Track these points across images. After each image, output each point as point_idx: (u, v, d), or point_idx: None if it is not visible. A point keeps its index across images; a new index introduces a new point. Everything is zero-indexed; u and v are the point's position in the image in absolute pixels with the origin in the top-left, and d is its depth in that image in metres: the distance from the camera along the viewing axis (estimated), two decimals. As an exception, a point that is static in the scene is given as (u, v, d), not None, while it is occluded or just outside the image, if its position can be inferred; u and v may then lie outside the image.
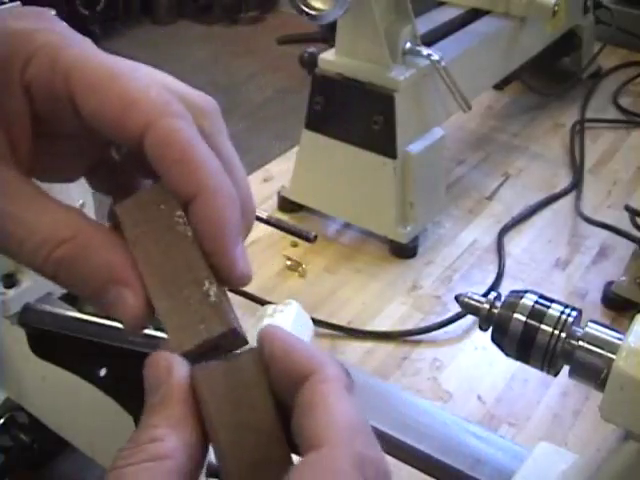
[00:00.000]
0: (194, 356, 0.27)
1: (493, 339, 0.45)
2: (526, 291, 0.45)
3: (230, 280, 0.29)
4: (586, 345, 0.42)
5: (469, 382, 0.90)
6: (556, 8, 1.22)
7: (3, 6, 0.58)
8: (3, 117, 0.27)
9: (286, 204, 1.15)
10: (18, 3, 0.59)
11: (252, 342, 0.51)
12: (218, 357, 0.28)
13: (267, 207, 1.16)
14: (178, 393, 0.26)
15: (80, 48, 0.27)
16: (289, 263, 1.05)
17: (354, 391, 0.27)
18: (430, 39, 1.12)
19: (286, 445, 0.26)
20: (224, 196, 0.27)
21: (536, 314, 0.43)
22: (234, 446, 0.26)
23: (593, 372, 0.41)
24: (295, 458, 0.26)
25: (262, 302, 0.95)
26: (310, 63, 1.08)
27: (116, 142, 0.29)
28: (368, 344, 0.95)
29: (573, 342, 0.42)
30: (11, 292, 0.64)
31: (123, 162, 0.32)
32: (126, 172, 0.32)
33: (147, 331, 0.39)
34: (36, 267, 0.27)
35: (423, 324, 0.98)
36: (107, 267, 0.27)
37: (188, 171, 0.27)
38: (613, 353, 0.40)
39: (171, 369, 0.26)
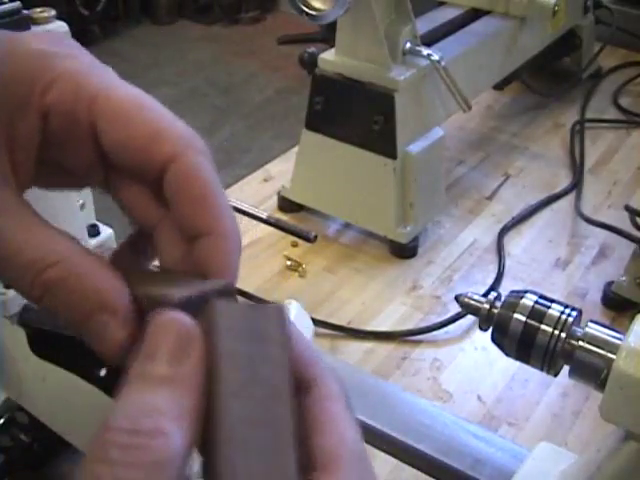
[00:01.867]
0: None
1: (493, 339, 0.45)
2: (526, 291, 0.45)
3: None
4: (586, 345, 0.42)
5: (469, 382, 0.90)
6: (556, 8, 1.22)
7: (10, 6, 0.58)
8: (12, 138, 0.26)
9: (286, 204, 1.15)
10: (18, 3, 0.59)
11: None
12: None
13: (267, 207, 1.16)
14: (197, 375, 0.23)
15: (105, 76, 0.27)
16: (289, 263, 1.05)
17: (352, 408, 0.26)
18: (430, 39, 1.12)
19: (293, 415, 0.23)
20: (233, 242, 0.28)
21: (536, 314, 0.43)
22: (234, 396, 0.23)
23: (593, 372, 0.41)
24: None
25: (262, 302, 0.95)
26: (310, 63, 1.08)
27: (133, 171, 0.28)
28: (368, 344, 0.95)
29: (573, 342, 0.42)
30: (11, 292, 0.64)
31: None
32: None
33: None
34: (22, 289, 0.26)
35: (423, 324, 0.98)
36: (95, 294, 0.26)
37: (205, 209, 0.27)
38: (613, 353, 0.40)
39: (195, 340, 0.24)
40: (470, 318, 0.96)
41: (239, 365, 0.24)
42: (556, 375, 0.44)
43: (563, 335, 0.42)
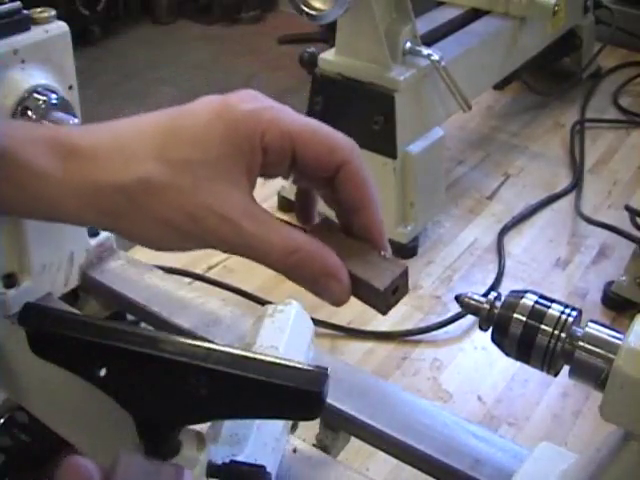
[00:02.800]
0: (388, 293, 0.40)
1: (493, 339, 0.44)
2: (526, 291, 0.45)
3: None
4: (586, 345, 0.41)
5: (469, 382, 0.90)
6: (556, 8, 1.22)
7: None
8: (250, 170, 0.40)
9: (286, 204, 1.15)
10: (18, 3, 0.59)
11: (249, 339, 0.51)
12: None
13: (267, 207, 1.15)
14: None
15: (288, 114, 0.41)
16: (289, 263, 1.05)
17: None
18: (430, 39, 1.12)
19: None
20: (379, 210, 0.43)
21: (536, 314, 0.43)
22: None
23: (593, 372, 0.41)
24: None
25: (262, 302, 0.95)
26: (310, 63, 1.08)
27: (316, 174, 0.42)
28: (368, 344, 0.95)
29: (573, 342, 0.42)
30: (11, 292, 0.64)
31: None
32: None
33: (146, 332, 0.39)
34: (275, 268, 0.41)
35: (423, 324, 0.98)
36: (322, 266, 0.40)
37: (364, 192, 0.42)
38: (613, 353, 0.40)
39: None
40: (470, 318, 0.96)
41: None
42: (556, 375, 0.43)
43: (563, 335, 0.42)
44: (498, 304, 0.44)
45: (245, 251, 0.40)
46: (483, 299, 0.45)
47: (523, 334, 0.43)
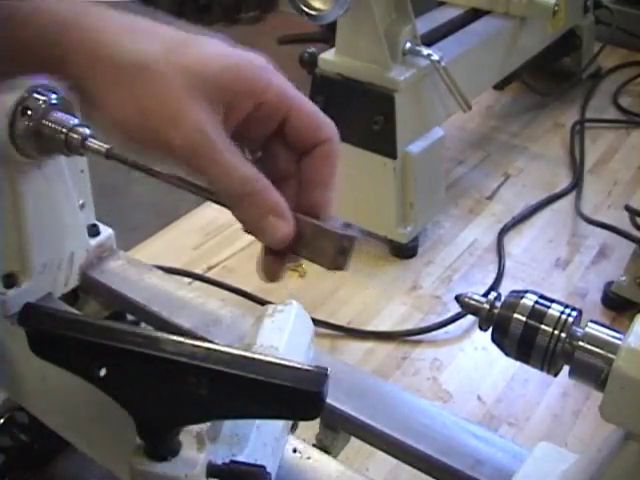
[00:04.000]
0: (341, 243, 0.43)
1: (493, 339, 0.45)
2: (526, 291, 0.45)
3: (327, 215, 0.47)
4: (586, 345, 0.41)
5: (469, 382, 0.90)
6: (556, 8, 1.22)
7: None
8: (234, 110, 0.42)
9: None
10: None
11: (249, 339, 0.51)
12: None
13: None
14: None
15: (290, 86, 0.45)
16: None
17: None
18: (430, 39, 1.12)
19: None
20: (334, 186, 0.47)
21: (536, 314, 0.43)
22: None
23: (593, 372, 0.41)
24: None
25: (262, 302, 0.95)
26: (310, 63, 1.08)
27: (296, 145, 0.45)
28: (368, 344, 0.95)
29: (573, 342, 0.42)
30: (11, 292, 0.64)
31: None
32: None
33: (146, 332, 0.39)
34: (228, 194, 0.42)
35: (423, 324, 0.98)
36: (274, 202, 0.42)
37: (332, 171, 0.46)
38: (613, 353, 0.40)
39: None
40: (470, 318, 0.96)
41: None
42: (556, 375, 0.43)
43: (563, 335, 0.42)
44: (498, 304, 0.44)
45: (207, 169, 0.41)
46: (483, 299, 0.45)
47: (523, 334, 0.43)
